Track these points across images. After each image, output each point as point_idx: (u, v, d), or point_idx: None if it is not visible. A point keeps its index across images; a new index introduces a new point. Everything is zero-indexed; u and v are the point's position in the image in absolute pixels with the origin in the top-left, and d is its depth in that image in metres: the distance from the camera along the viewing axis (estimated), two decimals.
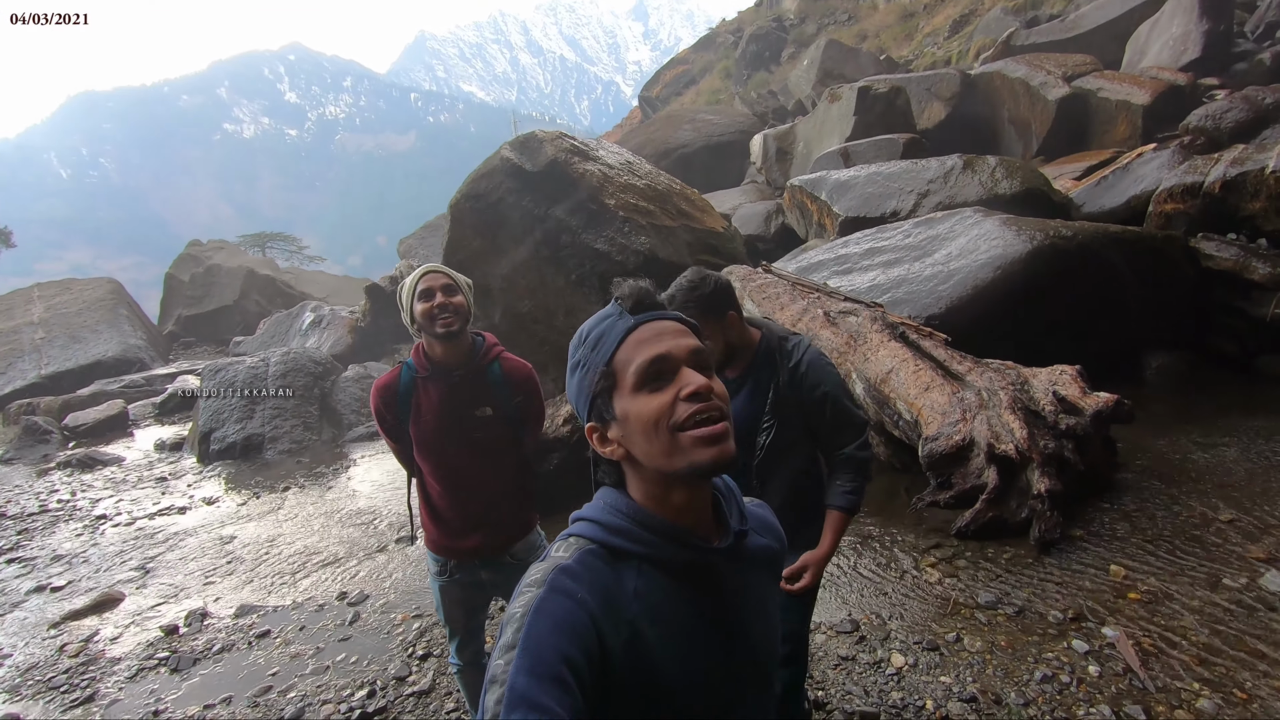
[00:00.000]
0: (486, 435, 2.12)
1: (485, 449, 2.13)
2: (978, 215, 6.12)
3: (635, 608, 0.81)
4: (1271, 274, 5.15)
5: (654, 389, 0.84)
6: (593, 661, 0.75)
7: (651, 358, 0.84)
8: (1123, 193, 7.02)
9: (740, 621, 0.89)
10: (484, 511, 2.15)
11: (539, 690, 0.69)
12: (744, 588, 0.92)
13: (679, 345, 0.86)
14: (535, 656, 0.72)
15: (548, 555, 0.86)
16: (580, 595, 0.78)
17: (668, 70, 37.41)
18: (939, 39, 22.09)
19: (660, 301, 0.91)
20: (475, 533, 2.14)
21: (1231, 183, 5.48)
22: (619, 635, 0.78)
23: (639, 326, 0.87)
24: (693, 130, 15.60)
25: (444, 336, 2.03)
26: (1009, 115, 11.78)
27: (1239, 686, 2.25)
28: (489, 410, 2.12)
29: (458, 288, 2.10)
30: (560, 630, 0.74)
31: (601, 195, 5.78)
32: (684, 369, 0.85)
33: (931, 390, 3.98)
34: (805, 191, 9.12)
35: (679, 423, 0.82)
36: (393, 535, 4.57)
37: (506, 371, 2.16)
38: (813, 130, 12.59)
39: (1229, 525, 3.24)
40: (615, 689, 0.77)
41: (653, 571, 0.84)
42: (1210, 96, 9.44)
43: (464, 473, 2.13)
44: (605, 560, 0.84)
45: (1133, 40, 11.92)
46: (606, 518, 0.88)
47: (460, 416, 2.10)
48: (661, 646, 0.81)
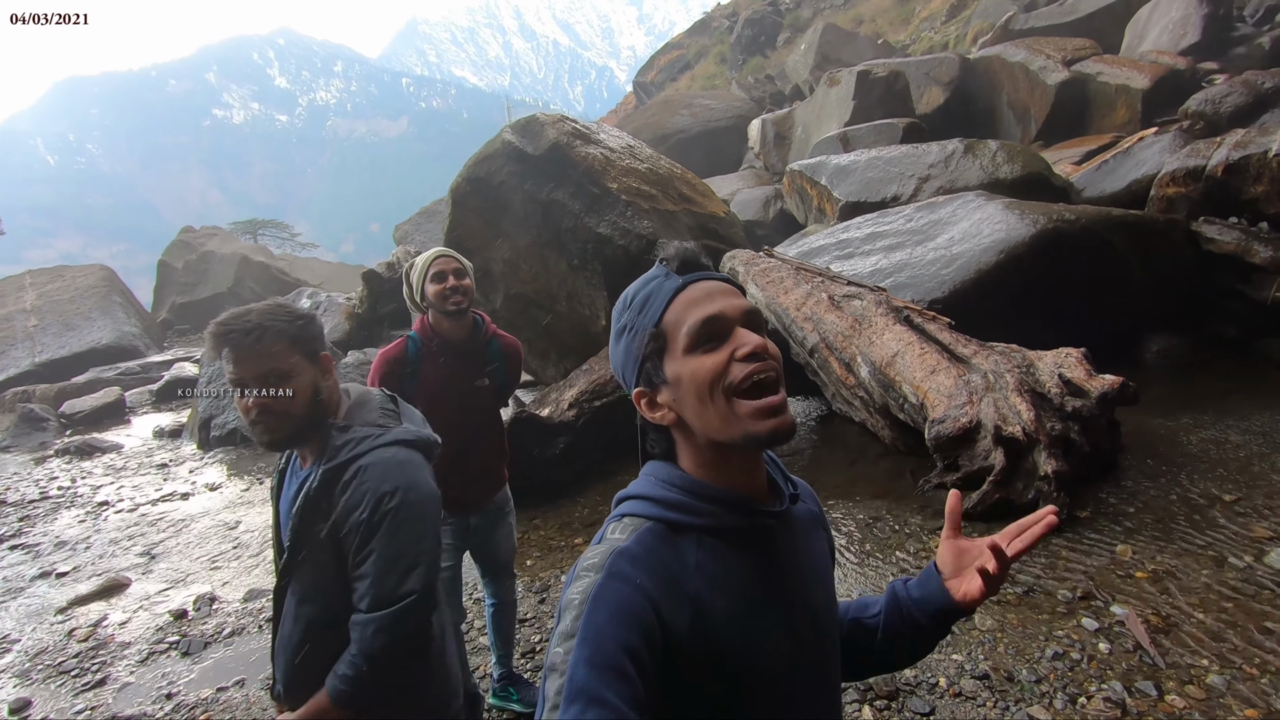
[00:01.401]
0: (481, 403, 2.48)
1: (481, 414, 2.49)
2: (980, 199, 6.12)
3: (697, 581, 0.80)
4: (1273, 257, 5.17)
5: (707, 349, 0.82)
6: (654, 647, 0.74)
7: (705, 317, 0.82)
8: (1123, 177, 7.02)
9: (798, 587, 0.89)
10: (480, 468, 2.47)
11: (599, 682, 0.69)
12: (799, 552, 0.92)
13: (732, 305, 0.83)
14: (595, 646, 0.71)
15: (603, 537, 0.85)
16: (639, 580, 0.76)
17: (662, 55, 37.11)
18: (936, 23, 21.97)
19: (706, 264, 0.89)
20: (472, 486, 2.45)
21: (1234, 166, 5.49)
22: (683, 614, 0.77)
23: (687, 286, 0.85)
24: (690, 115, 15.51)
25: (454, 314, 2.34)
26: (1008, 99, 11.74)
27: (1248, 661, 2.29)
28: (486, 381, 2.46)
29: (466, 271, 2.40)
30: (619, 618, 0.73)
31: (603, 179, 5.74)
32: (738, 329, 0.82)
33: (937, 373, 3.99)
34: (805, 176, 9.09)
35: (735, 384, 0.80)
36: None
37: (504, 347, 2.52)
38: (811, 115, 12.53)
39: (1232, 505, 3.28)
40: (685, 667, 0.76)
41: (713, 542, 0.83)
42: (1209, 81, 9.41)
43: (463, 434, 2.37)
44: (663, 538, 0.82)
45: (1132, 24, 11.87)
46: (660, 492, 0.86)
47: (462, 385, 2.41)
48: (727, 618, 0.80)
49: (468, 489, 2.43)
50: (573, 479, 4.55)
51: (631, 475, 3.34)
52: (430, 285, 2.34)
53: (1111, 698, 2.20)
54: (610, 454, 4.82)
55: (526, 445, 4.43)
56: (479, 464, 2.45)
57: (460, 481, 2.35)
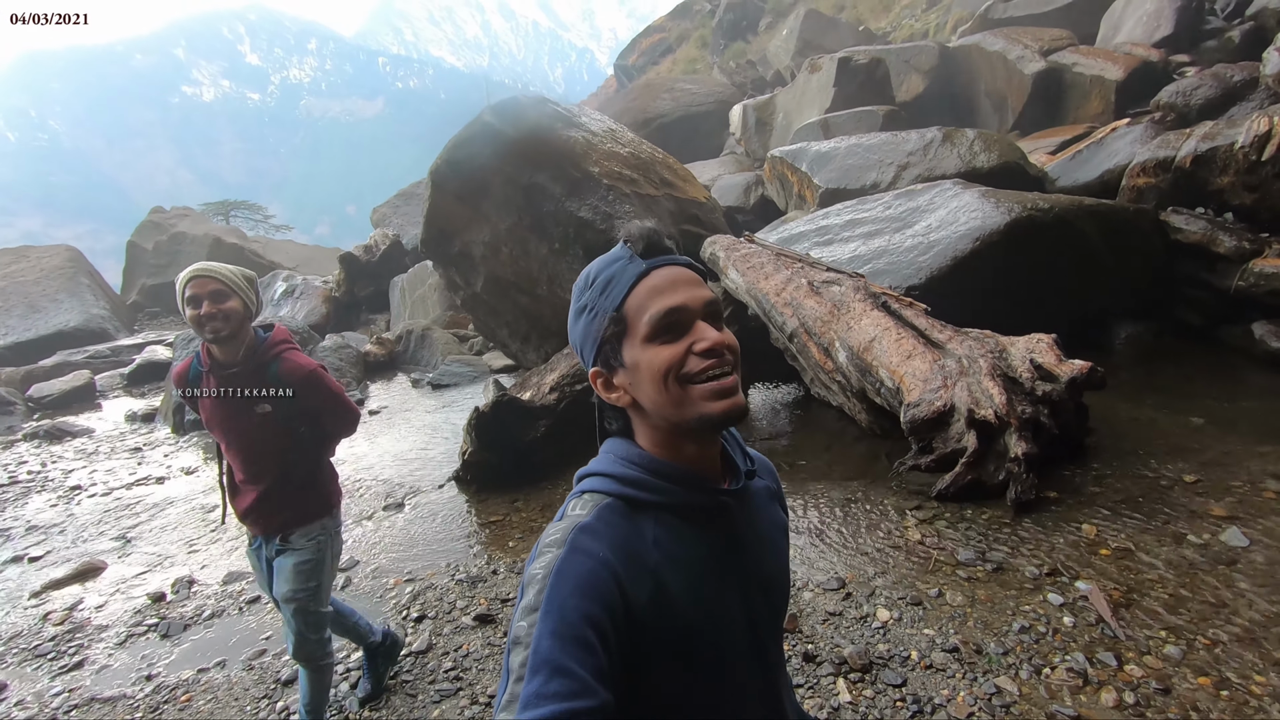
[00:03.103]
0: (262, 432, 2.22)
1: (260, 444, 2.24)
2: (957, 188, 6.20)
3: (656, 556, 0.82)
4: (1236, 247, 5.32)
5: (667, 340, 0.82)
6: (617, 620, 0.75)
7: (666, 309, 0.82)
8: (1096, 167, 7.15)
9: (754, 561, 0.92)
10: (256, 502, 2.28)
11: (563, 653, 0.69)
12: (754, 527, 0.95)
13: (694, 296, 0.84)
14: (559, 618, 0.72)
15: (564, 514, 0.86)
16: (601, 554, 0.78)
17: (644, 38, 36.77)
18: (917, 11, 22.00)
19: (670, 245, 0.88)
20: (252, 514, 2.31)
21: (1202, 157, 5.62)
22: (643, 588, 0.78)
23: (651, 272, 0.84)
24: (671, 100, 15.44)
25: (213, 341, 2.15)
26: (986, 88, 11.85)
27: (1202, 634, 2.40)
28: (267, 408, 2.20)
29: (230, 291, 2.13)
30: (582, 591, 0.74)
31: (585, 163, 5.73)
32: (698, 322, 0.83)
33: (913, 358, 4.07)
34: (786, 163, 9.12)
35: (690, 375, 0.82)
36: (379, 503, 4.57)
37: (284, 371, 2.21)
38: (792, 101, 12.55)
39: (1192, 486, 3.40)
40: (646, 643, 0.77)
41: (671, 519, 0.85)
42: (1181, 73, 9.57)
43: (241, 463, 2.28)
44: (623, 513, 0.84)
45: (1107, 15, 12.01)
46: (619, 470, 0.87)
47: (236, 412, 2.20)
48: (685, 592, 0.82)
49: (249, 516, 2.32)
50: (554, 461, 4.58)
51: None
52: (186, 309, 2.12)
53: (1074, 668, 2.30)
54: (591, 437, 4.84)
55: (508, 428, 4.44)
56: (255, 496, 2.28)
57: (244, 508, 2.31)
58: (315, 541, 2.34)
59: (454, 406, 6.84)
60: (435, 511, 4.31)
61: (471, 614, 3.05)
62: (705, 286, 0.86)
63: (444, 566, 3.56)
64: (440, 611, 3.13)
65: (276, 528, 2.31)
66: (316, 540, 2.35)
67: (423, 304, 11.26)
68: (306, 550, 2.32)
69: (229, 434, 2.23)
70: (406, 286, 11.89)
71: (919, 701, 2.26)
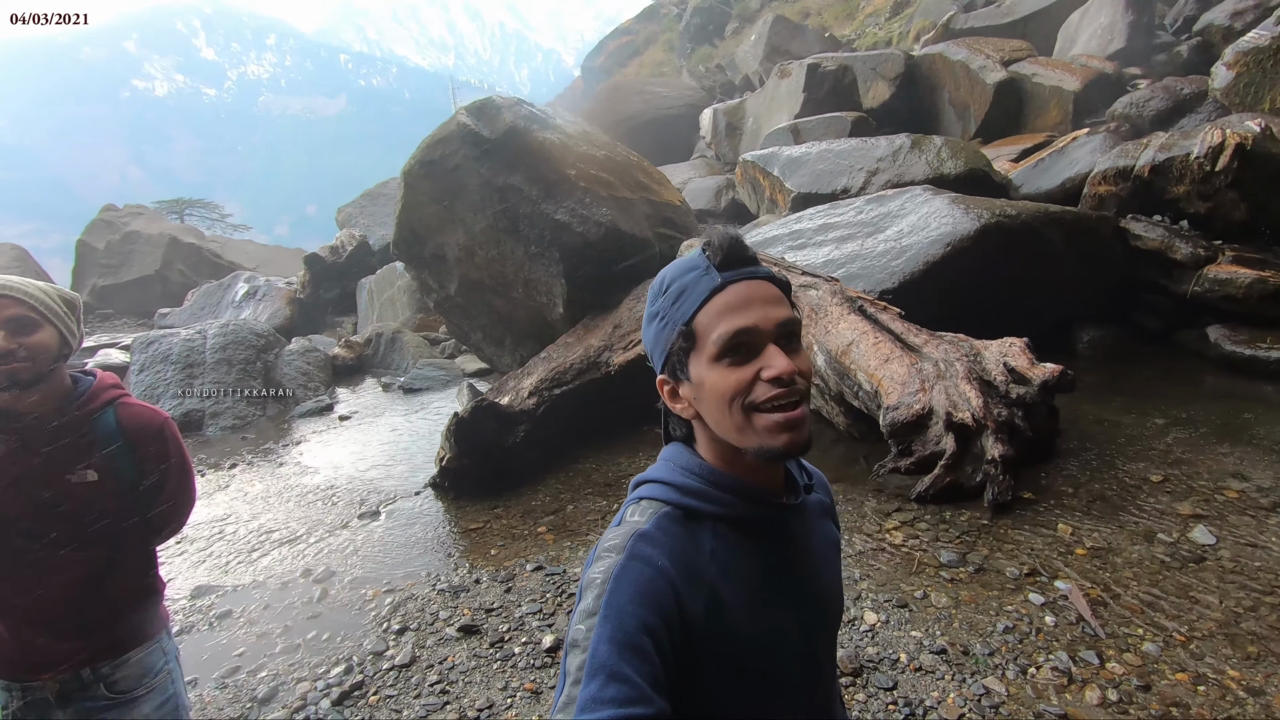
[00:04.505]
0: (82, 509, 1.57)
1: (76, 526, 1.57)
2: (927, 194, 6.32)
3: (712, 569, 0.81)
4: (1192, 254, 5.52)
5: (734, 362, 0.80)
6: (672, 629, 0.75)
7: (736, 330, 0.80)
8: (1058, 175, 7.37)
9: (809, 576, 0.91)
10: (64, 615, 1.56)
11: (620, 659, 0.70)
12: (811, 541, 0.94)
13: (767, 317, 0.80)
14: (616, 624, 0.72)
15: (622, 520, 0.85)
16: (660, 563, 0.78)
17: (611, 40, 36.84)
18: (880, 19, 22.45)
19: (752, 256, 0.84)
20: (49, 647, 1.55)
21: (1159, 167, 5.83)
22: (699, 600, 0.78)
23: (726, 286, 0.81)
24: (641, 102, 15.47)
25: (8, 388, 1.49)
26: (949, 97, 12.12)
27: (1177, 629, 2.47)
28: (92, 475, 1.58)
29: (41, 319, 1.53)
30: (640, 599, 0.74)
31: (561, 165, 5.69)
32: (770, 345, 0.80)
33: (891, 362, 4.13)
34: (758, 167, 9.19)
35: (755, 403, 0.80)
36: (355, 512, 4.46)
37: (125, 422, 1.63)
38: (762, 106, 12.67)
39: (1159, 486, 3.51)
40: (700, 653, 0.77)
41: (727, 531, 0.84)
42: (1134, 85, 9.94)
43: (38, 558, 1.55)
44: (680, 523, 0.83)
45: (1064, 28, 12.40)
46: (679, 479, 0.87)
47: (41, 482, 1.54)
48: (740, 605, 0.81)
49: (40, 651, 1.54)
50: (534, 467, 4.53)
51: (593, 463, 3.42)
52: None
53: (1058, 667, 2.35)
54: (571, 441, 4.82)
55: (487, 433, 4.38)
56: (63, 605, 1.56)
57: (31, 635, 1.54)
58: (161, 676, 1.68)
59: (428, 411, 6.73)
60: (413, 519, 4.22)
61: (455, 625, 2.99)
62: (783, 304, 0.83)
63: (424, 576, 3.48)
64: (423, 623, 3.06)
65: (90, 659, 1.57)
66: (161, 674, 1.68)
67: (392, 306, 11.07)
68: (154, 695, 1.65)
69: (17, 507, 1.52)
70: (375, 288, 11.67)
71: (910, 704, 2.28)
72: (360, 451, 5.75)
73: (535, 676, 2.62)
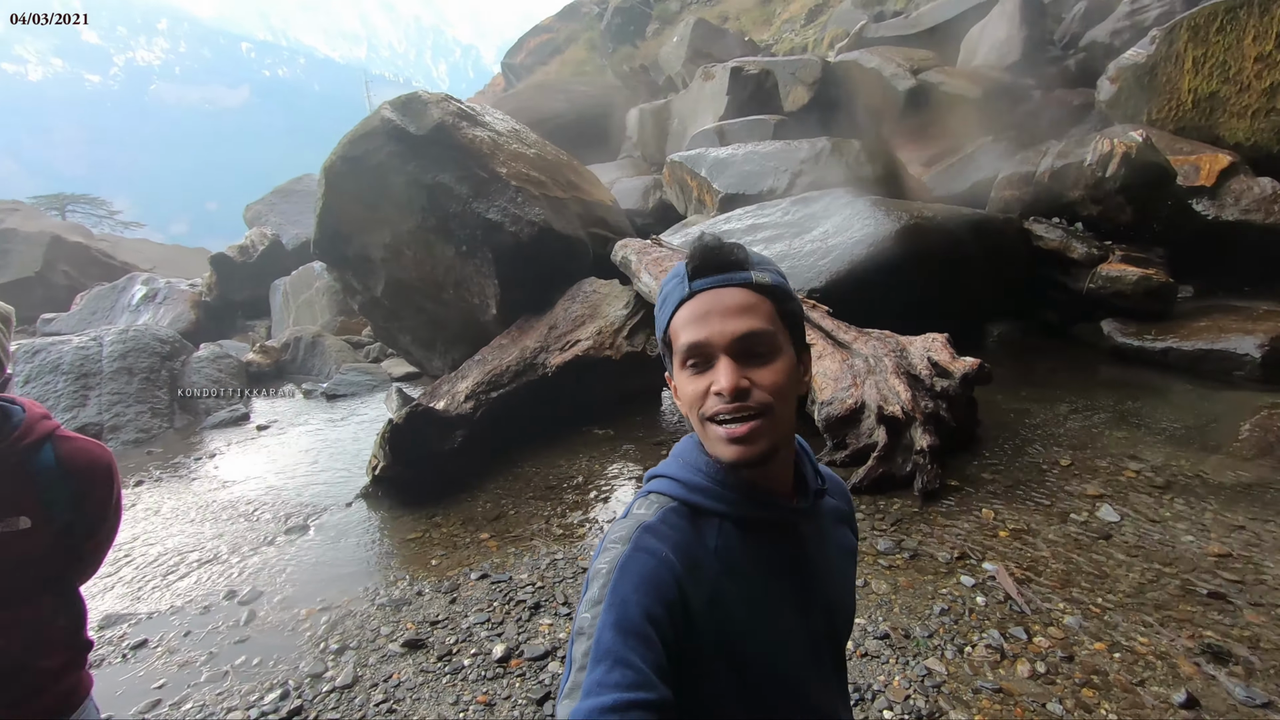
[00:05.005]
0: (9, 558, 1.36)
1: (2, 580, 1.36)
2: (849, 196, 6.56)
3: (716, 566, 0.82)
4: (1087, 253, 5.97)
5: (695, 370, 0.83)
6: (676, 619, 0.76)
7: (690, 343, 0.82)
8: (966, 179, 7.82)
9: (817, 581, 0.91)
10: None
11: (624, 645, 0.71)
12: (821, 547, 0.94)
13: (723, 331, 0.80)
14: (620, 612, 0.74)
15: (629, 513, 0.87)
16: (664, 554, 0.79)
17: (531, 37, 36.42)
18: (796, 26, 23.17)
19: (733, 261, 0.84)
20: None
21: (1057, 173, 6.28)
22: (701, 595, 0.79)
23: (694, 296, 0.83)
24: (566, 101, 15.37)
25: None
26: (864, 102, 12.61)
27: (1092, 602, 2.67)
28: (25, 522, 1.37)
29: None
30: (644, 588, 0.76)
31: (492, 163, 5.57)
32: (722, 359, 0.80)
33: (824, 358, 4.27)
34: (685, 168, 9.30)
35: (706, 415, 0.82)
36: (280, 527, 4.21)
37: (66, 460, 1.43)
38: (688, 107, 12.83)
39: (1068, 469, 3.78)
40: (698, 651, 0.78)
41: (733, 529, 0.85)
42: (1029, 96, 10.67)
43: None
44: (687, 518, 0.85)
45: (966, 40, 13.14)
46: (686, 475, 0.88)
47: None
48: (741, 605, 0.82)
49: None
50: (473, 472, 4.42)
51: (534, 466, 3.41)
52: None
53: (991, 644, 2.49)
54: (510, 445, 4.73)
55: (423, 440, 4.24)
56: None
57: None
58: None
59: (354, 418, 6.45)
60: (345, 532, 4.03)
61: (399, 640, 2.87)
62: (748, 315, 0.82)
63: (362, 591, 3.33)
64: (363, 640, 2.93)
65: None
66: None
67: (310, 309, 10.55)
68: None
69: None
70: (290, 290, 11.10)
71: (859, 689, 2.36)
72: (282, 462, 5.45)
73: (488, 688, 2.55)
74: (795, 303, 0.88)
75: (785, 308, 0.85)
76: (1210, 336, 5.22)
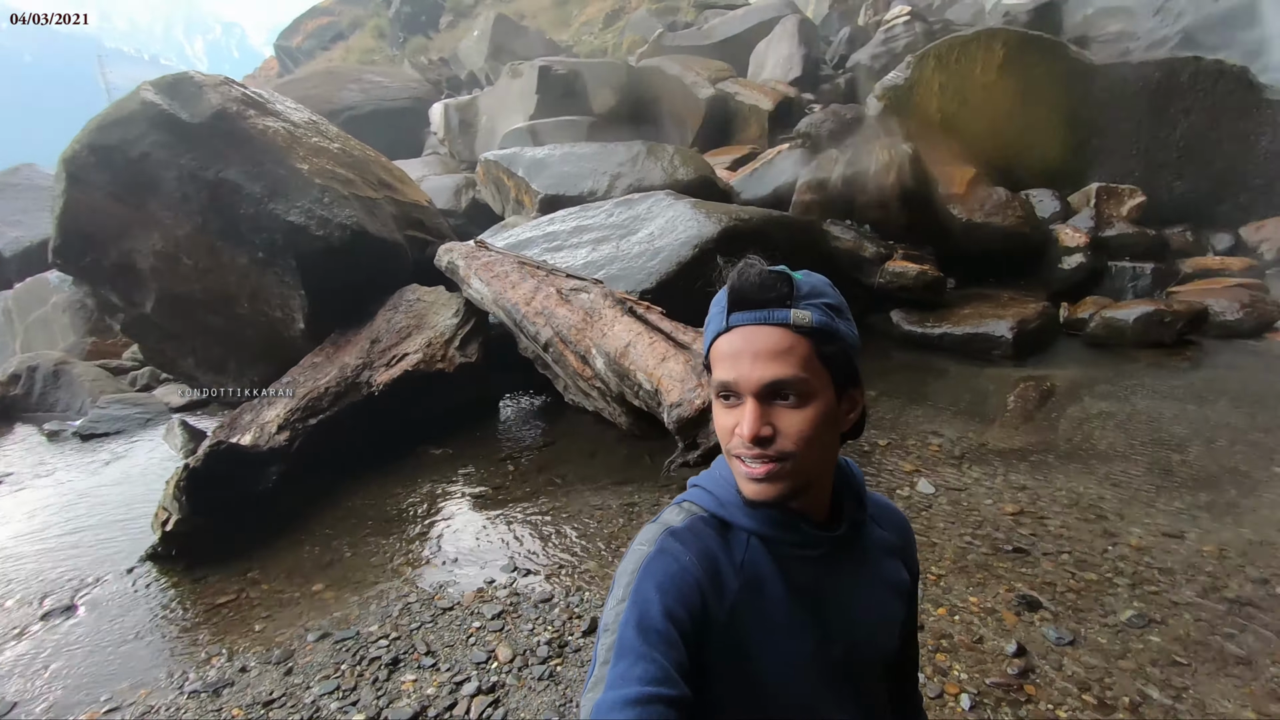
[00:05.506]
0: None
1: None
2: (670, 198, 6.76)
3: (738, 580, 0.83)
4: (876, 252, 6.72)
5: (727, 404, 0.84)
6: (696, 623, 0.78)
7: (720, 382, 0.84)
8: (770, 183, 8.42)
9: (842, 611, 0.88)
10: None
11: (646, 643, 0.73)
12: (855, 576, 0.91)
13: (752, 376, 0.80)
14: (642, 611, 0.76)
15: (660, 519, 0.89)
16: (687, 559, 0.81)
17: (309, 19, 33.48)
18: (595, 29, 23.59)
19: (773, 298, 0.82)
20: None
21: (848, 180, 6.97)
22: (722, 606, 0.80)
23: (730, 331, 0.83)
24: (360, 92, 14.20)
25: None
26: (668, 108, 13.14)
27: (929, 572, 2.96)
28: None
29: None
30: (666, 589, 0.78)
31: (290, 158, 4.92)
32: (749, 401, 0.81)
33: (668, 360, 4.32)
34: (501, 167, 9.01)
35: (732, 451, 0.84)
36: (34, 610, 3.32)
37: None
38: (496, 104, 12.47)
39: (886, 449, 4.20)
40: (711, 659, 0.79)
41: (760, 547, 0.86)
42: (811, 109, 11.81)
43: None
44: (716, 529, 0.87)
45: (754, 54, 14.21)
46: (720, 489, 0.89)
47: None
48: (758, 623, 0.82)
49: None
50: (297, 512, 3.85)
51: (367, 498, 3.12)
52: None
53: None
54: (338, 476, 4.20)
55: (229, 483, 3.60)
56: None
57: None
58: None
59: (122, 461, 5.33)
60: (129, 606, 3.28)
61: None
62: (777, 360, 0.80)
63: (165, 678, 2.72)
64: None
65: None
66: None
67: (45, 329, 8.62)
68: None
69: None
70: (15, 308, 8.99)
71: None
72: (27, 526, 4.33)
73: None
74: (841, 342, 0.85)
75: (826, 349, 0.83)
76: (974, 322, 6.12)
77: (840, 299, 0.88)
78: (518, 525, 3.64)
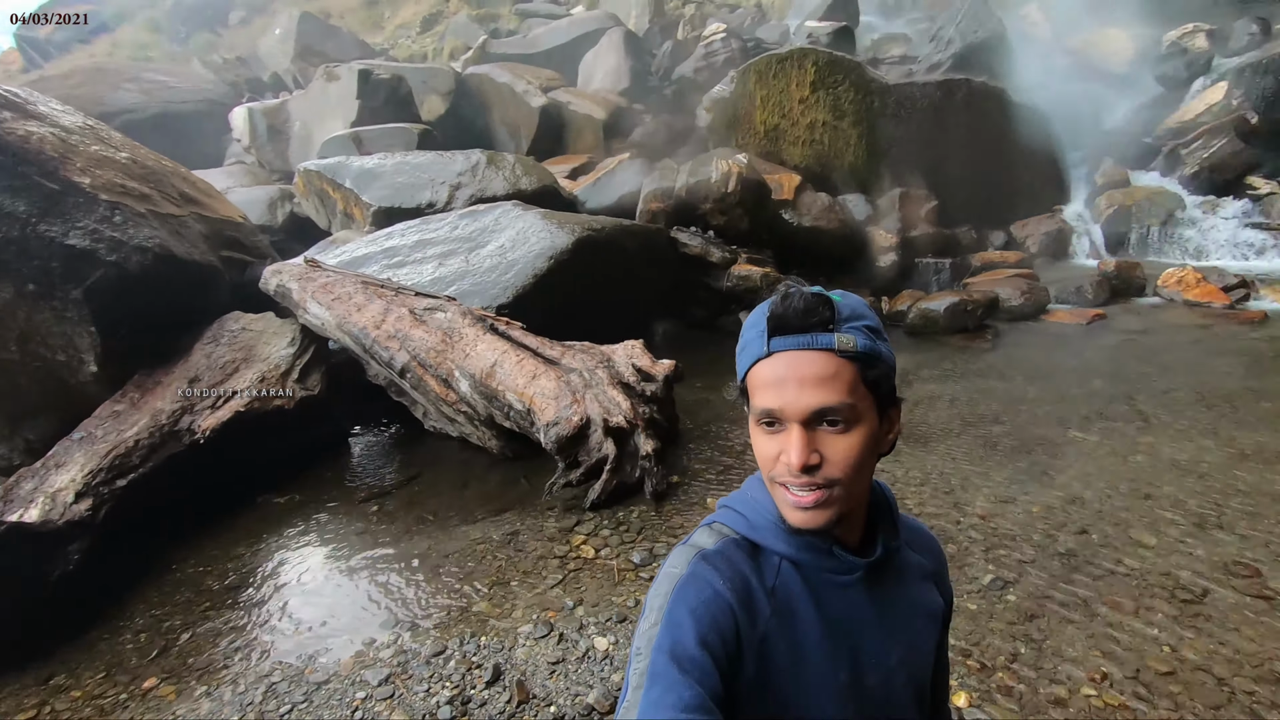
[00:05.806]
0: None
1: None
2: (519, 209, 6.58)
3: (770, 606, 0.81)
4: (722, 257, 7.00)
5: (769, 430, 0.81)
6: (729, 648, 0.77)
7: (763, 409, 0.80)
8: (614, 192, 8.50)
9: (876, 638, 0.86)
10: None
11: (679, 669, 0.72)
12: (889, 602, 0.88)
13: (799, 404, 0.77)
14: (674, 637, 0.75)
15: (690, 541, 0.88)
16: (719, 584, 0.80)
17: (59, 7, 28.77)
18: (412, 33, 22.53)
19: (816, 322, 0.78)
20: None
21: (692, 188, 7.21)
22: (753, 632, 0.79)
23: (771, 356, 0.80)
24: (140, 92, 12.40)
25: None
26: (499, 116, 12.87)
27: None
28: None
29: None
30: (698, 614, 0.77)
31: (65, 169, 4.11)
32: (793, 428, 0.78)
33: (539, 378, 4.17)
34: (325, 178, 8.29)
35: (777, 479, 0.81)
36: None
37: None
38: (311, 110, 11.45)
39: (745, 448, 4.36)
40: (742, 685, 0.77)
41: (792, 572, 0.84)
42: (642, 119, 12.12)
43: None
44: (747, 552, 0.85)
45: (583, 64, 14.32)
46: (751, 512, 0.88)
47: None
48: (789, 649, 0.81)
49: None
50: (109, 597, 3.19)
51: (202, 563, 2.88)
52: None
53: None
54: (162, 543, 3.55)
55: (13, 573, 2.89)
56: None
57: None
58: None
59: None
60: None
61: None
62: (823, 387, 0.78)
63: None
64: None
65: None
66: None
67: None
68: None
69: None
70: None
71: None
72: None
73: None
74: (883, 364, 0.83)
75: (870, 373, 0.81)
76: None
77: (877, 320, 0.86)
78: (391, 574, 3.30)
